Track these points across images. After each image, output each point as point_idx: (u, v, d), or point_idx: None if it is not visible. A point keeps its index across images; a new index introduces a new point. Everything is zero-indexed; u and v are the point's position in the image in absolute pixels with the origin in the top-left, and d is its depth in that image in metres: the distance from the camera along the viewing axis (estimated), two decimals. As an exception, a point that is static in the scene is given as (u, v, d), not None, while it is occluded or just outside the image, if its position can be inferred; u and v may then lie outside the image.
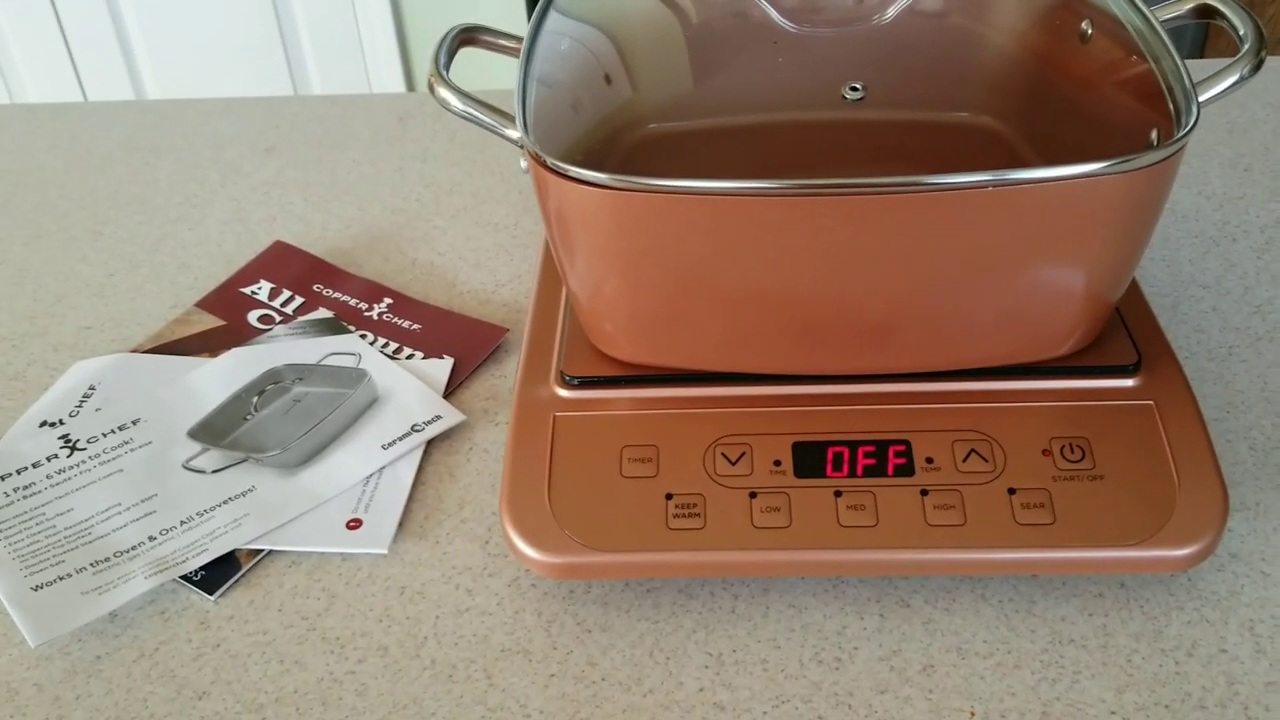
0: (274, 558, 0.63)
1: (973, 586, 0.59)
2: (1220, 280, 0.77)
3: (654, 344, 0.62)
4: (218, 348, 0.76)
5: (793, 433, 0.60)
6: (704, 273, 0.57)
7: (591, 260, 0.59)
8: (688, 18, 0.65)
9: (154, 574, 0.61)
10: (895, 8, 0.64)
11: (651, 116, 0.61)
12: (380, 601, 0.60)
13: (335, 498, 0.65)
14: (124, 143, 1.00)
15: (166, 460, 0.68)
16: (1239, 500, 0.62)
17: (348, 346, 0.75)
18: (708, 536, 0.57)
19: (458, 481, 0.66)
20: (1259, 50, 0.58)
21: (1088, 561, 0.56)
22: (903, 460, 0.59)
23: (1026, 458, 0.58)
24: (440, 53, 0.63)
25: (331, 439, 0.68)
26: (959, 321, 0.58)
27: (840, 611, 0.58)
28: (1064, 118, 0.62)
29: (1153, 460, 0.58)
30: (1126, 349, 0.62)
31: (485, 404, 0.72)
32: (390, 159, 0.96)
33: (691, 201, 0.54)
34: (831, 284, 0.57)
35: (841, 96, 0.58)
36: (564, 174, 0.55)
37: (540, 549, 0.57)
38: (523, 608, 0.59)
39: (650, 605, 0.59)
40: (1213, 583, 0.58)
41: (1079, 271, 0.56)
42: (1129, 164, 0.52)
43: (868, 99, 0.59)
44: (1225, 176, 0.86)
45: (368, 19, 2.14)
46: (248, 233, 0.88)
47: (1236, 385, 0.69)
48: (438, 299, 0.80)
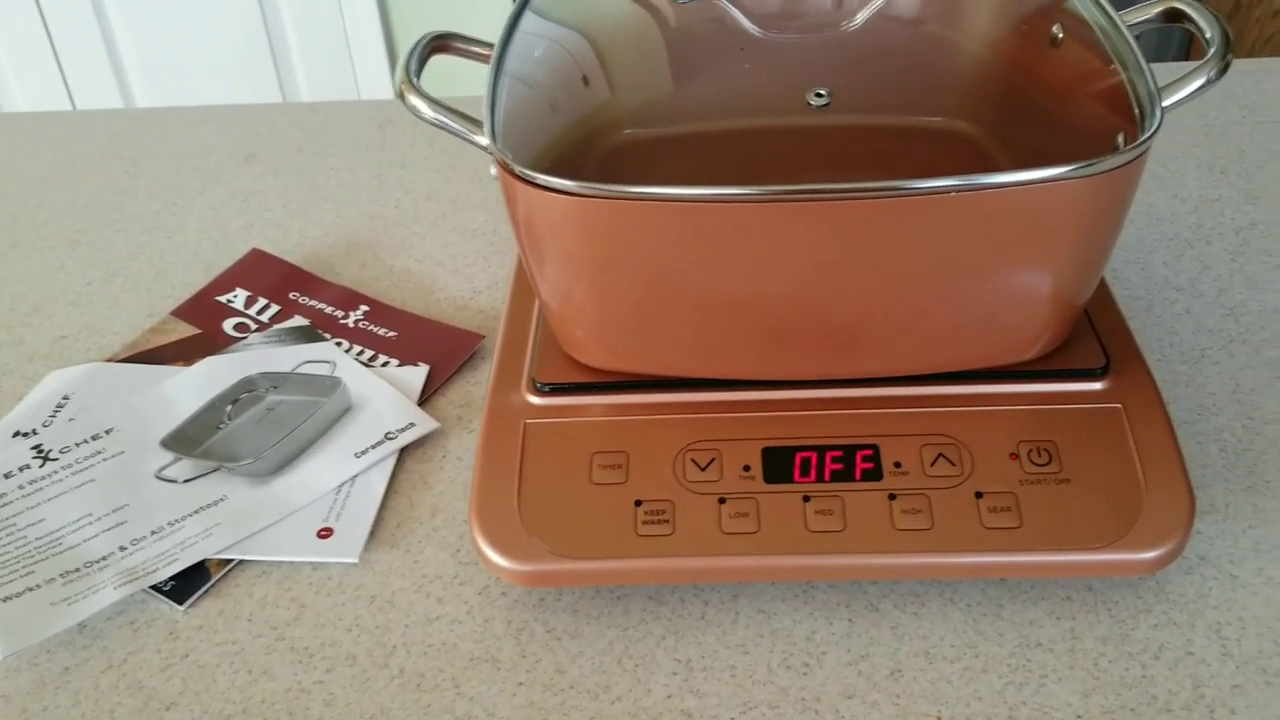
0: (244, 567, 0.63)
1: (941, 590, 0.59)
2: (1194, 283, 0.77)
3: (625, 350, 0.62)
4: (193, 356, 0.76)
5: (762, 438, 0.60)
6: (673, 279, 0.57)
7: (561, 267, 0.59)
8: (659, 24, 0.66)
9: (124, 584, 0.61)
10: (865, 13, 0.64)
11: (622, 123, 0.61)
12: (350, 611, 0.60)
13: (307, 506, 0.65)
14: (104, 151, 1.00)
15: (139, 470, 0.68)
16: (1208, 502, 0.62)
17: (322, 354, 0.75)
18: (676, 543, 0.57)
19: (430, 489, 0.66)
20: (1225, 53, 0.58)
21: (1054, 565, 0.56)
22: (870, 465, 0.59)
23: (994, 461, 0.58)
24: (411, 60, 0.63)
25: (304, 448, 0.68)
26: (927, 325, 0.58)
27: (809, 616, 0.58)
28: (1036, 121, 0.63)
29: (1120, 463, 0.58)
30: (1094, 352, 0.62)
31: (460, 411, 0.72)
32: (370, 166, 0.96)
33: (659, 208, 0.54)
34: (800, 289, 0.57)
35: (807, 103, 0.58)
36: (531, 181, 0.55)
37: (509, 557, 0.57)
38: (492, 615, 0.59)
39: (620, 612, 0.59)
40: (1181, 585, 0.58)
41: (1045, 275, 0.56)
42: (1092, 168, 0.52)
43: (838, 104, 0.59)
44: (1201, 179, 0.87)
45: (356, 25, 2.14)
46: (225, 240, 0.88)
47: (1208, 388, 0.69)
48: (415, 306, 0.80)
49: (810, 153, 0.59)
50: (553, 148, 0.60)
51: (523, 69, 0.62)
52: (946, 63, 0.64)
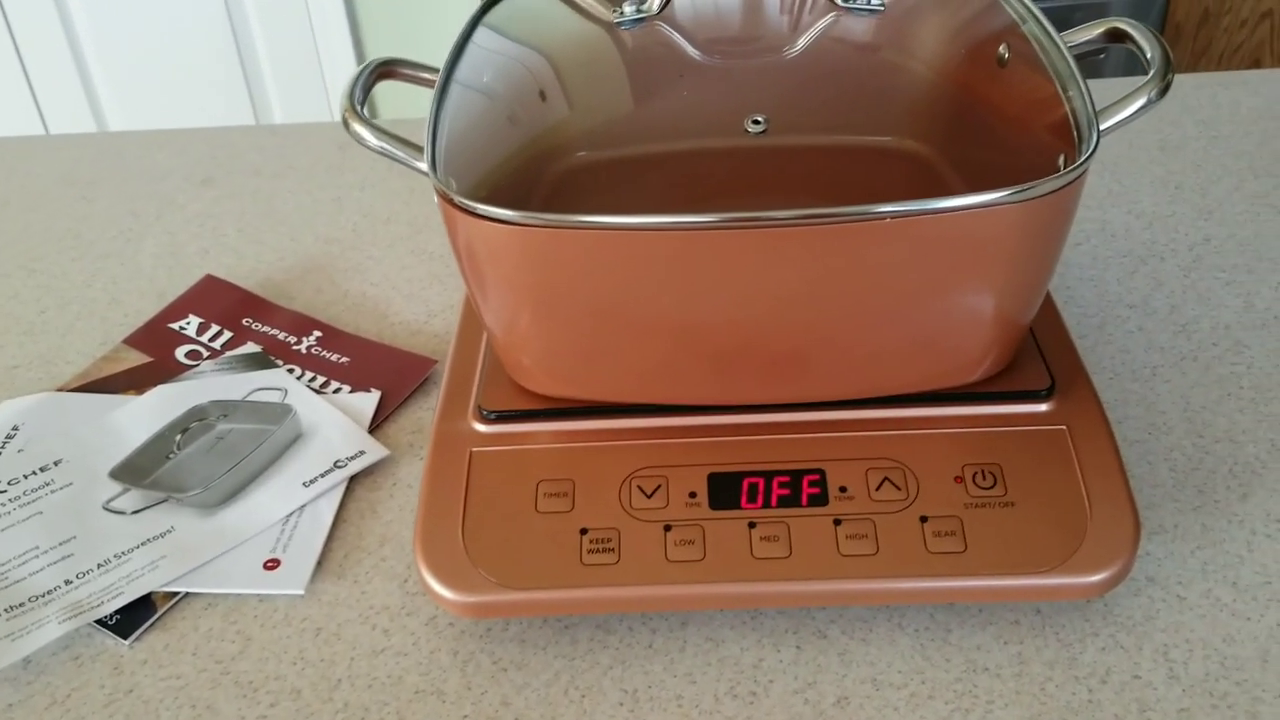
0: (190, 600, 0.62)
1: (889, 615, 0.59)
2: (1147, 300, 0.77)
3: (570, 377, 0.62)
4: (144, 385, 0.76)
5: (708, 464, 0.60)
6: (617, 306, 0.57)
7: (503, 295, 0.59)
8: (602, 50, 0.65)
9: (68, 619, 0.60)
10: (805, 38, 0.64)
11: (567, 146, 0.61)
12: (295, 643, 0.60)
13: (254, 537, 0.64)
14: (61, 177, 0.99)
15: (87, 501, 0.67)
16: (1157, 523, 0.62)
17: (274, 381, 0.75)
18: (621, 572, 0.57)
19: (379, 518, 0.66)
20: (1165, 73, 0.58)
21: (999, 590, 0.56)
22: (817, 490, 0.58)
23: (939, 485, 0.58)
24: (355, 88, 0.63)
25: (253, 477, 0.68)
26: (871, 349, 0.58)
27: (757, 644, 0.58)
28: (984, 141, 0.62)
29: (1065, 486, 0.58)
30: (1040, 373, 0.62)
31: (411, 438, 0.71)
32: (328, 188, 0.96)
33: (600, 237, 0.54)
34: (744, 315, 0.56)
35: (744, 129, 0.58)
36: (470, 210, 0.54)
37: (453, 588, 0.57)
38: (439, 647, 0.59)
39: (568, 642, 0.59)
40: (1128, 608, 0.58)
41: (987, 297, 0.56)
42: (1028, 192, 0.52)
43: (775, 130, 0.58)
44: (1155, 194, 0.87)
45: (328, 47, 2.14)
46: (180, 266, 0.88)
47: (1159, 406, 0.69)
48: (369, 330, 0.80)
49: (752, 178, 0.59)
50: (496, 171, 0.60)
51: (471, 91, 0.62)
52: (891, 84, 0.64)
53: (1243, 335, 0.73)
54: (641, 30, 0.65)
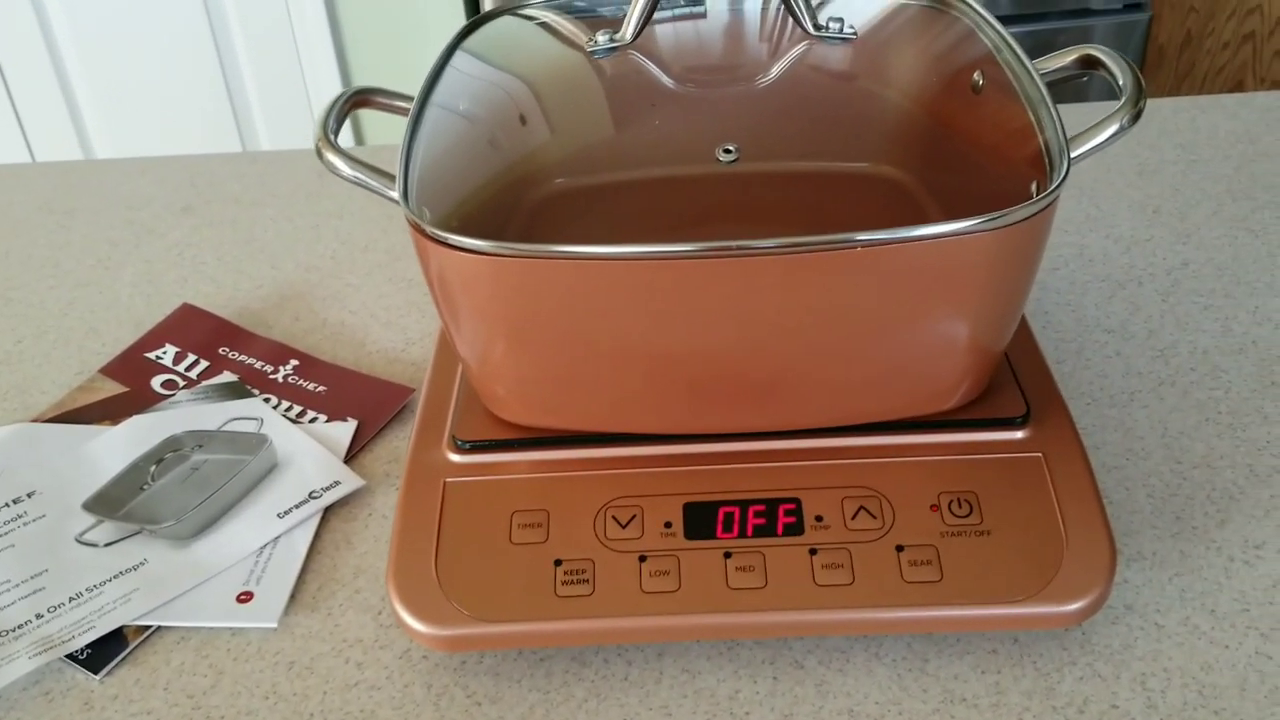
0: (162, 633, 0.62)
1: (866, 645, 0.58)
2: (1125, 324, 0.77)
3: (544, 406, 0.61)
4: (120, 415, 0.75)
5: (684, 493, 0.60)
6: (590, 336, 0.56)
7: (476, 325, 0.58)
8: (575, 80, 0.65)
9: (39, 653, 0.60)
10: (778, 67, 0.64)
11: (537, 175, 0.61)
12: (268, 678, 0.59)
13: (227, 570, 0.64)
14: (40, 205, 0.99)
15: (60, 533, 0.67)
16: (1135, 550, 0.62)
17: (250, 411, 0.75)
18: (596, 603, 0.57)
19: (354, 549, 0.65)
20: (1138, 100, 0.58)
21: (975, 619, 0.55)
22: (792, 519, 0.58)
23: (915, 514, 0.58)
24: (329, 117, 0.63)
25: (228, 508, 0.67)
26: (845, 377, 0.58)
27: (734, 675, 0.58)
28: (958, 167, 0.62)
29: (1040, 514, 0.57)
30: (1015, 400, 0.61)
31: (388, 467, 0.71)
32: (307, 216, 0.96)
33: (572, 266, 0.54)
34: (718, 344, 0.56)
35: (715, 158, 0.57)
36: (442, 241, 0.54)
37: (426, 622, 0.57)
38: (412, 680, 0.58)
39: (543, 675, 0.58)
40: (1106, 636, 0.58)
41: (960, 325, 0.56)
42: (999, 221, 0.52)
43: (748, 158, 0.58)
44: (1134, 219, 0.87)
45: (314, 75, 2.14)
46: (158, 294, 0.87)
47: (1137, 431, 0.69)
48: (346, 359, 0.80)
49: (727, 206, 0.58)
50: (470, 199, 0.60)
51: (445, 119, 0.62)
52: (865, 111, 0.64)
53: (1220, 360, 0.73)
54: (615, 59, 0.65)
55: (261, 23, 2.09)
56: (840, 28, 0.64)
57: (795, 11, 0.64)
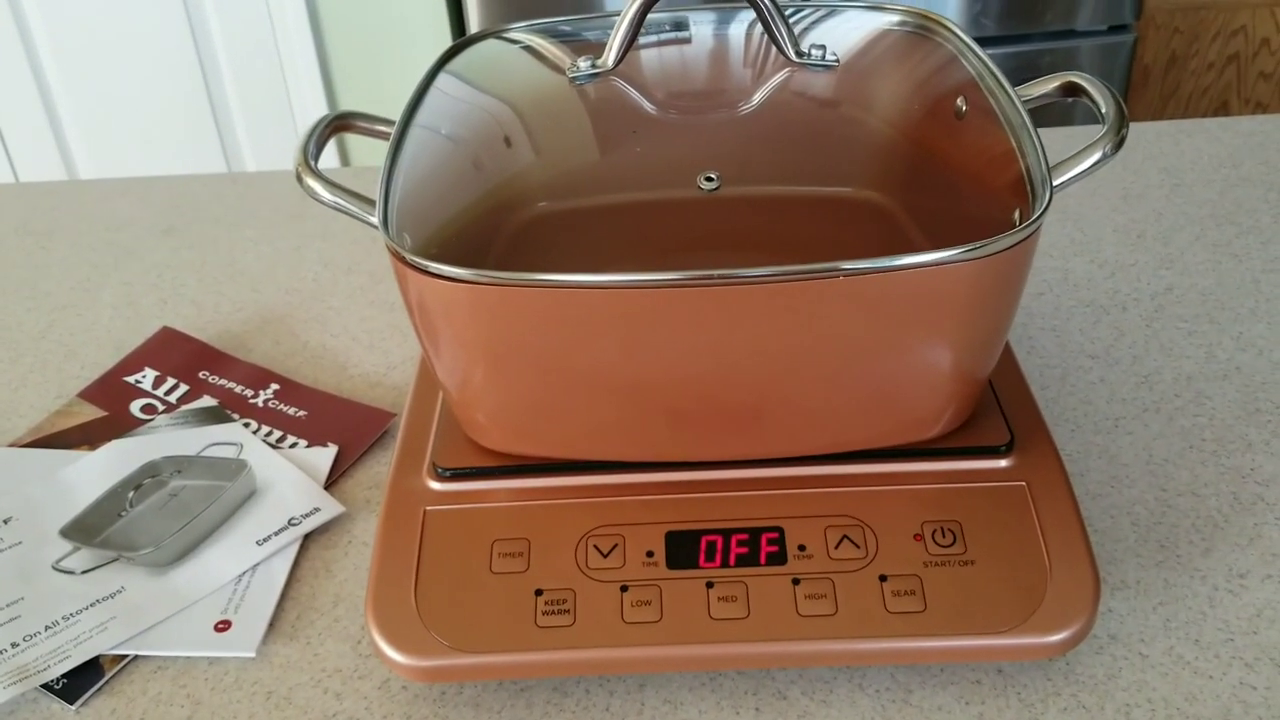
0: (139, 662, 0.61)
1: (850, 676, 0.58)
2: (1109, 350, 0.76)
3: (525, 434, 0.61)
4: (98, 440, 0.75)
5: (666, 522, 0.59)
6: (570, 364, 0.56)
7: (456, 352, 0.58)
8: (556, 106, 0.65)
9: (14, 683, 0.59)
10: (760, 94, 0.64)
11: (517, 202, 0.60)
12: (245, 708, 0.58)
13: (205, 598, 0.63)
14: (18, 226, 0.98)
15: (36, 561, 0.66)
16: (1120, 579, 0.61)
17: (229, 436, 0.74)
18: (577, 634, 0.56)
19: (334, 577, 0.65)
20: (1120, 128, 0.58)
21: (959, 650, 0.55)
22: (775, 548, 0.58)
23: (898, 543, 0.57)
24: (310, 142, 0.63)
25: (206, 535, 0.67)
26: (827, 405, 0.58)
27: (716, 706, 0.57)
28: (941, 194, 0.62)
29: (1024, 544, 0.57)
30: (999, 429, 0.61)
31: (368, 493, 0.70)
32: (289, 237, 0.95)
33: (552, 294, 0.53)
34: (699, 372, 0.56)
35: (697, 186, 0.57)
36: (421, 268, 0.54)
37: (405, 652, 0.56)
38: (391, 711, 0.58)
39: (523, 706, 0.58)
40: (1090, 666, 0.57)
41: (943, 353, 0.56)
42: (981, 250, 0.52)
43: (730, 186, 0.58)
44: (1118, 243, 0.87)
45: (299, 93, 2.13)
46: (138, 317, 0.87)
47: (1122, 459, 0.68)
48: (327, 383, 0.79)
49: (707, 234, 0.58)
50: (450, 225, 0.59)
51: (425, 144, 0.62)
52: (847, 138, 0.63)
53: (1205, 386, 0.73)
54: (596, 85, 0.65)
55: (246, 42, 2.09)
56: (823, 55, 0.64)
57: (777, 39, 0.64)
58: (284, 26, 2.06)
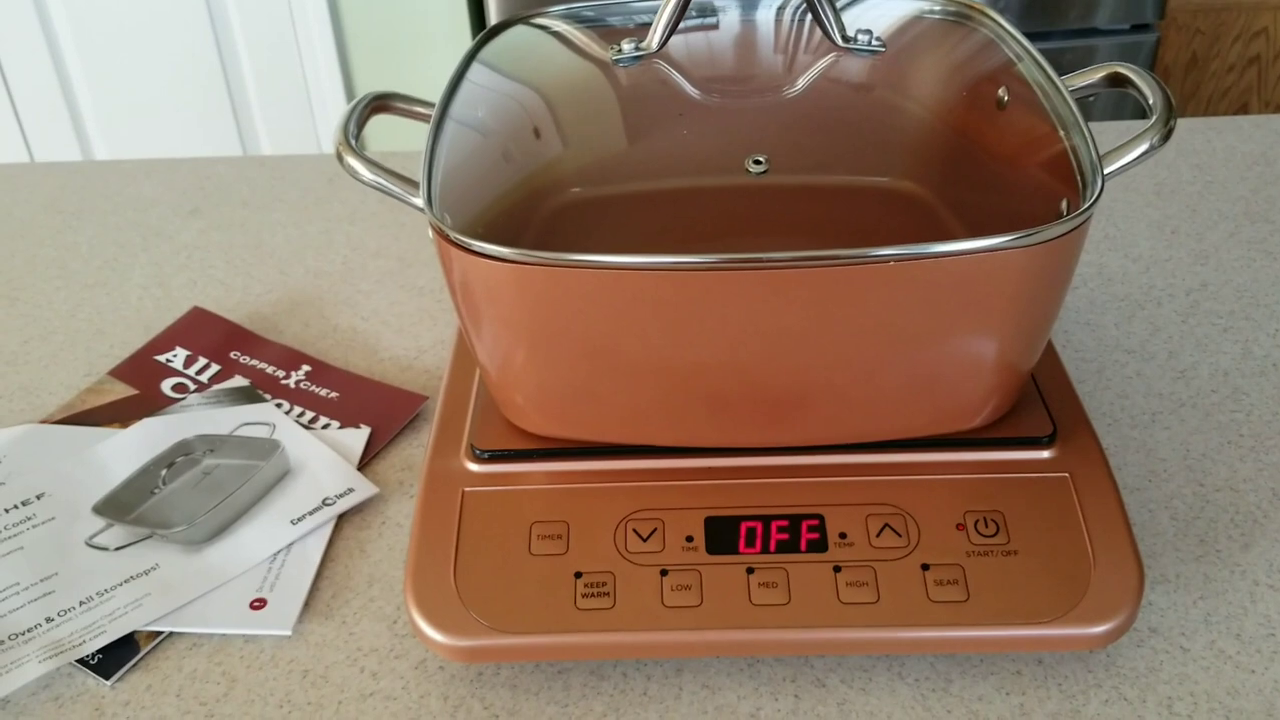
0: (174, 639, 0.61)
1: (889, 665, 0.58)
2: (1145, 345, 0.76)
3: (565, 417, 0.61)
4: (129, 418, 0.74)
5: (705, 507, 0.59)
6: (612, 346, 0.56)
7: (498, 333, 0.58)
8: (599, 88, 0.65)
9: (49, 658, 0.59)
10: (805, 78, 0.64)
11: (562, 183, 0.60)
12: (282, 686, 0.58)
13: (240, 576, 0.63)
14: (46, 205, 0.98)
15: (69, 537, 0.66)
16: (1159, 573, 0.61)
17: (262, 416, 0.74)
18: (617, 617, 0.56)
19: (368, 557, 0.65)
20: (1168, 119, 0.58)
21: (1001, 640, 0.55)
22: (816, 535, 0.57)
23: (940, 532, 0.57)
24: (350, 121, 0.62)
25: (240, 514, 0.67)
26: (870, 394, 0.57)
27: (754, 692, 0.57)
28: (981, 185, 0.62)
29: (1067, 535, 0.57)
30: (1042, 420, 0.61)
31: (401, 475, 0.70)
32: (317, 221, 0.95)
33: (597, 276, 0.53)
34: (742, 358, 0.56)
35: (745, 169, 0.57)
36: (466, 247, 0.54)
37: (445, 632, 0.56)
38: (428, 691, 0.58)
39: (560, 688, 0.58)
40: (1131, 659, 0.57)
41: (988, 343, 0.56)
42: (1032, 237, 0.51)
43: (778, 170, 0.58)
44: (1152, 239, 0.86)
45: (316, 78, 2.13)
46: (167, 297, 0.86)
47: (1159, 453, 0.68)
48: (358, 365, 0.79)
49: (752, 218, 0.58)
50: (493, 207, 0.59)
51: (466, 127, 0.62)
52: (889, 126, 0.63)
53: (1241, 382, 0.73)
54: (639, 68, 0.64)
55: (264, 25, 2.09)
56: (869, 40, 0.63)
57: (824, 23, 0.64)
58: (303, 12, 2.06)
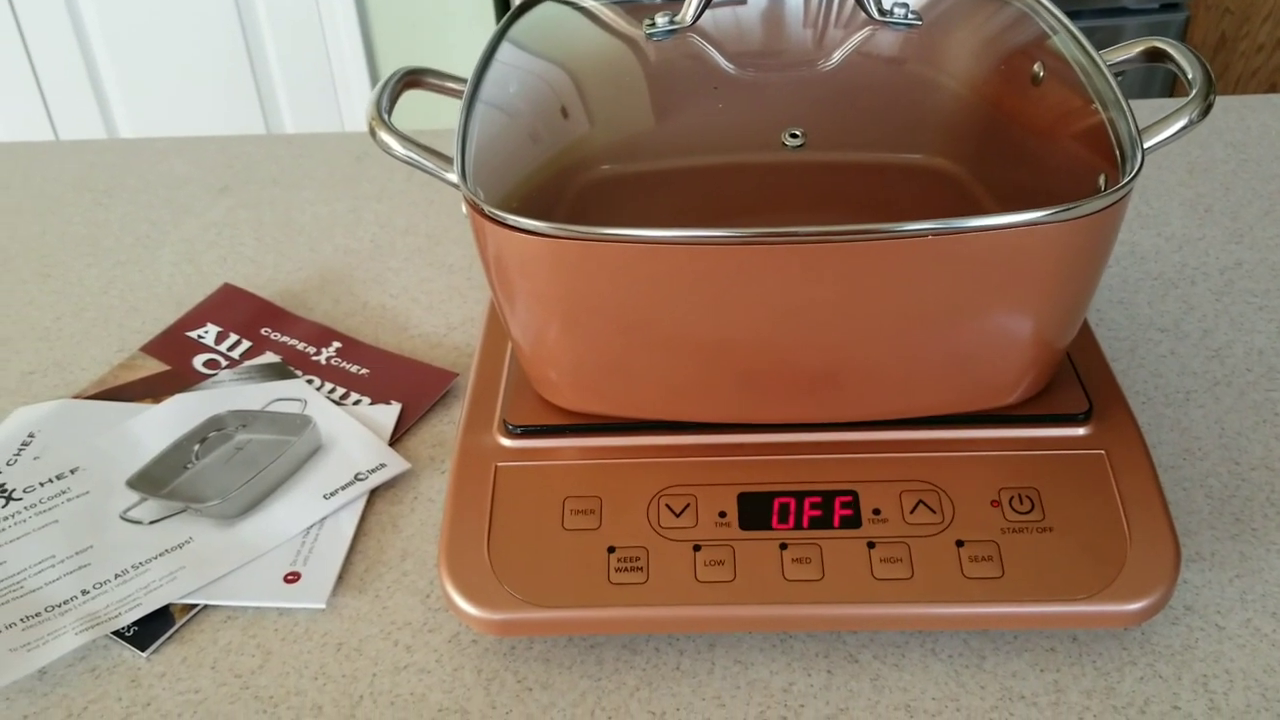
0: (209, 612, 0.61)
1: (922, 641, 0.58)
2: (1178, 323, 0.76)
3: (598, 392, 0.61)
4: (161, 394, 0.75)
5: (738, 483, 0.59)
6: (646, 321, 0.56)
7: (532, 307, 0.58)
8: (632, 61, 0.65)
9: (85, 630, 0.59)
10: (840, 52, 0.63)
11: (594, 160, 0.60)
12: (316, 658, 0.58)
13: (273, 550, 0.63)
14: (76, 183, 0.99)
15: (104, 510, 0.66)
16: (1194, 550, 0.61)
17: (293, 392, 0.74)
18: (650, 591, 0.56)
19: (400, 532, 0.65)
20: (1208, 94, 0.57)
21: (1037, 616, 0.55)
22: (849, 512, 0.57)
23: (975, 509, 0.57)
24: (383, 96, 0.62)
25: (273, 488, 0.67)
26: (905, 369, 0.57)
27: (787, 667, 0.57)
28: (1017, 160, 0.62)
29: (1103, 512, 0.56)
30: (1077, 397, 0.61)
31: (432, 451, 0.70)
32: (345, 199, 0.95)
33: (630, 250, 0.53)
34: (775, 332, 0.55)
35: (781, 143, 0.57)
36: (501, 221, 0.54)
37: (479, 605, 0.56)
38: (462, 665, 0.58)
39: (593, 662, 0.58)
40: (1166, 637, 0.57)
41: (1025, 318, 0.55)
42: (1072, 211, 0.51)
43: (814, 143, 0.58)
44: (1185, 217, 0.86)
45: (340, 56, 2.13)
46: (198, 274, 0.87)
47: (1194, 431, 0.68)
48: (388, 342, 0.79)
49: (786, 193, 0.58)
50: (526, 183, 0.59)
51: (498, 103, 0.61)
52: (925, 101, 0.63)
53: (1277, 361, 0.72)
54: (673, 42, 0.64)
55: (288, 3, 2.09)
56: (905, 14, 0.63)
57: (860, -4, 0.63)
58: (328, -8, 2.07)
